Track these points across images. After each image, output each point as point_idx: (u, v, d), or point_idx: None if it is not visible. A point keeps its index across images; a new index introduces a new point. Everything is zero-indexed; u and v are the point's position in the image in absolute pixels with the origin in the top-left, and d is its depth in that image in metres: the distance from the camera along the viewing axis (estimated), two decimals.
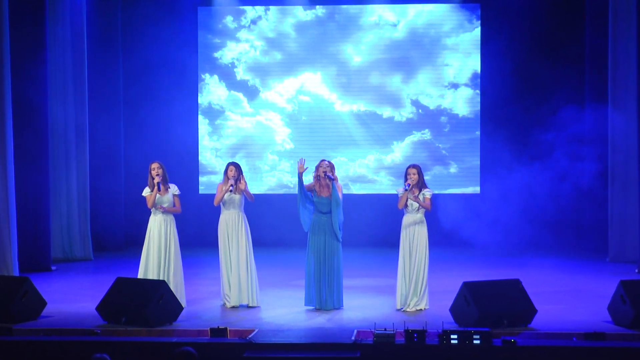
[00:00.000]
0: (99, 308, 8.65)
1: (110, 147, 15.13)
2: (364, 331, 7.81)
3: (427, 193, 9.39)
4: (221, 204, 9.62)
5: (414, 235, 9.32)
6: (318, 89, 16.00)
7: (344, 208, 9.51)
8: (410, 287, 9.25)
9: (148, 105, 15.69)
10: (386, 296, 9.95)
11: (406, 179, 9.40)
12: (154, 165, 9.59)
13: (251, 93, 16.04)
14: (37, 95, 12.47)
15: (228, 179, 9.58)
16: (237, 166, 9.65)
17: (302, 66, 15.98)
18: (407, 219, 9.39)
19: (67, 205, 14.00)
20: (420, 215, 9.37)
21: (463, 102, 15.90)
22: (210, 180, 15.98)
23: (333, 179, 9.33)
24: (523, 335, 7.87)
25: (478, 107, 15.86)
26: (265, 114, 16.03)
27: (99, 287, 10.15)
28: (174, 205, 9.61)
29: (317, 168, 9.51)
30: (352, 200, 14.99)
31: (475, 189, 15.79)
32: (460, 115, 15.90)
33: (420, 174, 9.42)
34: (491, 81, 15.60)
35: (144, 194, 9.61)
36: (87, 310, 9.07)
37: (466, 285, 8.37)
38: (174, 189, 9.62)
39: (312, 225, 9.45)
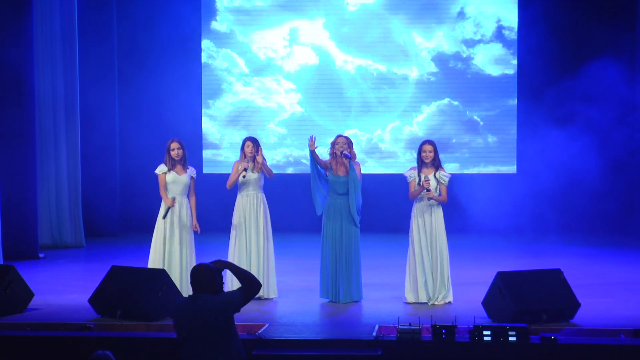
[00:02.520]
0: (91, 300, 8.66)
1: (103, 122, 15.14)
2: (386, 326, 7.80)
3: (444, 177, 9.30)
4: (237, 185, 9.61)
5: (432, 221, 9.27)
6: (322, 43, 15.77)
7: (361, 189, 9.46)
8: (437, 280, 9.21)
9: (145, 74, 15.67)
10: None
11: (420, 157, 9.33)
12: (174, 145, 9.50)
13: (248, 52, 15.86)
14: (23, 65, 12.47)
15: (245, 156, 9.57)
16: (254, 141, 9.62)
17: (297, 14, 15.74)
18: (420, 204, 9.33)
19: (56, 187, 14.04)
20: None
21: (493, 61, 15.64)
22: (207, 157, 15.92)
23: (350, 157, 9.28)
24: (564, 332, 7.84)
25: (512, 70, 15.61)
26: (266, 76, 15.86)
27: (92, 276, 10.19)
28: (189, 189, 9.57)
29: (332, 144, 9.47)
30: (368, 179, 14.85)
31: (510, 168, 15.63)
32: (492, 76, 15.65)
33: (436, 151, 9.35)
34: (530, 42, 15.29)
35: (157, 171, 9.53)
36: (79, 302, 9.09)
37: (501, 276, 8.33)
38: (192, 171, 9.59)
39: (327, 208, 9.42)
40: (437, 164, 9.34)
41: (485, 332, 7.13)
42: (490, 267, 10.36)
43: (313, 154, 9.36)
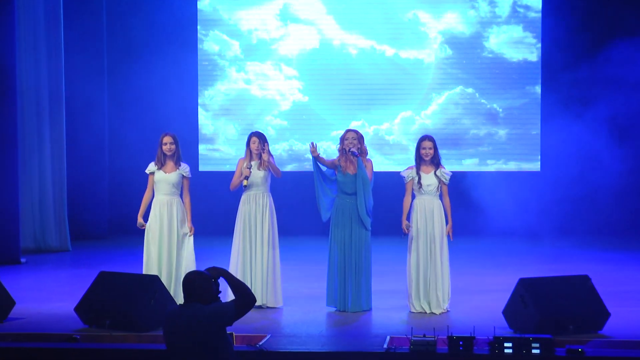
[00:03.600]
0: (78, 309, 8.65)
1: (91, 116, 15.14)
2: (398, 337, 7.77)
3: (445, 175, 9.32)
4: (241, 184, 9.58)
5: (434, 223, 9.26)
6: (320, 21, 15.62)
7: (373, 189, 9.44)
8: (444, 286, 9.21)
9: (136, 64, 15.61)
10: None
11: (419, 154, 9.33)
12: (167, 139, 9.48)
13: (238, 34, 15.74)
14: (3, 55, 12.47)
15: (251, 153, 9.54)
16: (260, 137, 9.60)
17: None
18: (421, 203, 9.32)
19: (39, 187, 14.03)
20: (437, 198, 9.32)
21: (514, 45, 15.42)
22: (202, 153, 15.84)
23: (358, 155, 9.24)
24: (593, 344, 7.81)
25: (535, 55, 15.40)
26: (260, 62, 15.72)
27: (78, 283, 10.19)
28: (182, 188, 9.55)
29: (341, 140, 9.44)
30: (376, 177, 14.71)
31: (533, 165, 15.47)
32: (512, 62, 15.42)
33: (436, 147, 9.36)
34: (555, 24, 15.07)
35: (148, 170, 9.52)
36: (64, 311, 9.08)
37: (523, 283, 8.31)
38: (184, 169, 9.55)
39: (335, 210, 9.40)
40: (437, 162, 9.35)
41: (506, 344, 7.10)
42: (511, 273, 10.33)
43: (316, 159, 9.34)
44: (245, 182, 9.47)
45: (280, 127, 15.78)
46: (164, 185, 9.44)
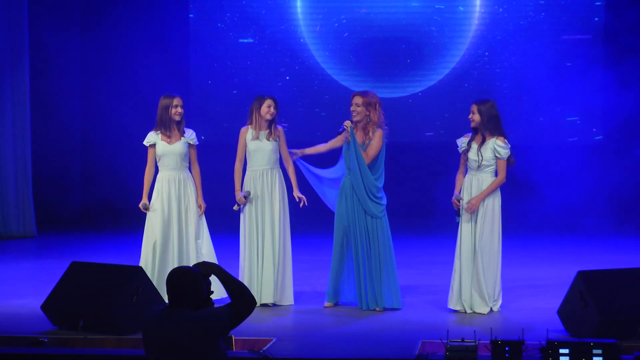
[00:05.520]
0: (45, 306, 8.65)
1: (61, 78, 15.18)
2: (431, 342, 7.76)
3: (501, 149, 9.11)
4: (246, 156, 9.52)
5: (485, 205, 9.14)
6: None
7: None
8: (489, 282, 9.14)
9: (115, 13, 15.56)
10: None
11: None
12: (177, 101, 9.37)
13: None
14: None
15: (259, 118, 9.40)
16: (275, 101, 9.47)
17: None
18: (472, 180, 9.22)
19: None
20: (490, 175, 9.18)
21: None
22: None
23: (340, 132, 9.20)
24: None
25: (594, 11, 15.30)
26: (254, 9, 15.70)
27: (46, 276, 10.24)
28: (189, 160, 9.47)
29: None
30: (399, 149, 14.61)
31: (593, 134, 15.34)
32: (569, 9, 15.29)
33: (488, 113, 9.06)
34: None
35: (147, 142, 9.42)
36: (29, 309, 9.11)
37: (582, 276, 8.27)
38: (190, 135, 9.45)
39: (342, 187, 9.38)
40: (490, 128, 9.09)
41: (561, 350, 7.05)
42: (568, 265, 10.40)
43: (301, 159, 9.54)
44: (235, 207, 9.45)
45: (284, 90, 15.54)
46: (170, 159, 9.36)
